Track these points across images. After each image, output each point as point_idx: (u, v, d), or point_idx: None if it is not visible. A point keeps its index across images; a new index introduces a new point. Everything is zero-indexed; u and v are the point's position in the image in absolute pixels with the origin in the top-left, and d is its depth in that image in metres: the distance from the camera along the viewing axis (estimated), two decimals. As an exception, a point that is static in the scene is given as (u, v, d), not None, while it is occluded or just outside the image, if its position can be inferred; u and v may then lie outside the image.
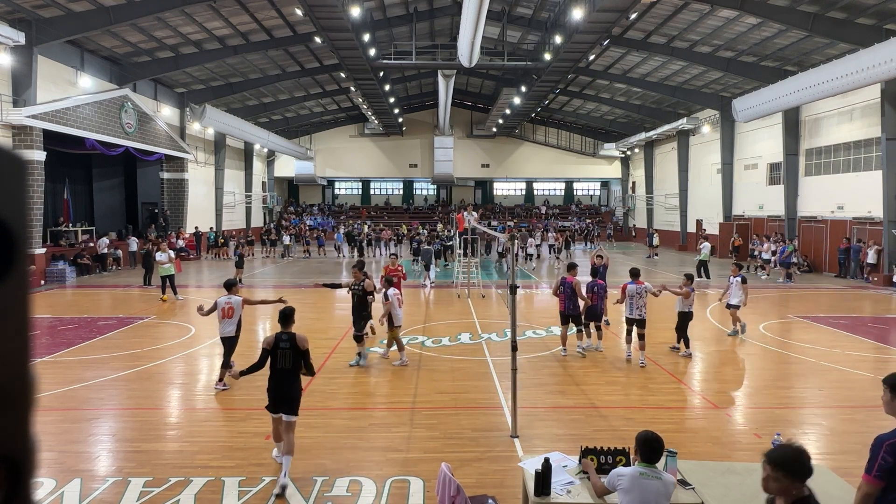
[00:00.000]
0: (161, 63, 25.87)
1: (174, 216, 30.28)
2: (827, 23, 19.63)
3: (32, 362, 0.66)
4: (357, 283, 10.23)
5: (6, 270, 0.63)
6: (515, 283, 7.36)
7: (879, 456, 3.12)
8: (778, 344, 11.87)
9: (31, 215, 0.70)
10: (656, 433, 3.96)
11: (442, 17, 29.66)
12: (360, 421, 7.57)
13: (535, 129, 48.25)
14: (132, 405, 8.22)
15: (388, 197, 53.86)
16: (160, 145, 27.28)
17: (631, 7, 19.74)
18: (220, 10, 22.15)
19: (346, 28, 22.03)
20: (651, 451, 3.88)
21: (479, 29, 20.32)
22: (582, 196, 54.67)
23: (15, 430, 0.64)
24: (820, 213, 24.84)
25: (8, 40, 17.21)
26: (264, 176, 45.89)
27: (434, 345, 11.62)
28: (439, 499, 4.48)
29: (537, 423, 7.48)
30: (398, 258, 14.45)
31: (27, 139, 19.09)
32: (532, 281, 22.09)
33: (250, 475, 5.95)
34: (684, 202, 37.04)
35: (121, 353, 10.97)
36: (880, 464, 3.10)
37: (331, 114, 44.39)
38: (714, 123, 32.38)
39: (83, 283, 20.79)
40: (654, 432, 3.97)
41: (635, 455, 3.97)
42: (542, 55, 26.81)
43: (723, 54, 25.19)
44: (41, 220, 20.91)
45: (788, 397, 8.72)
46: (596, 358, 10.72)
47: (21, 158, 0.66)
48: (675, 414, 8.00)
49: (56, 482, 5.80)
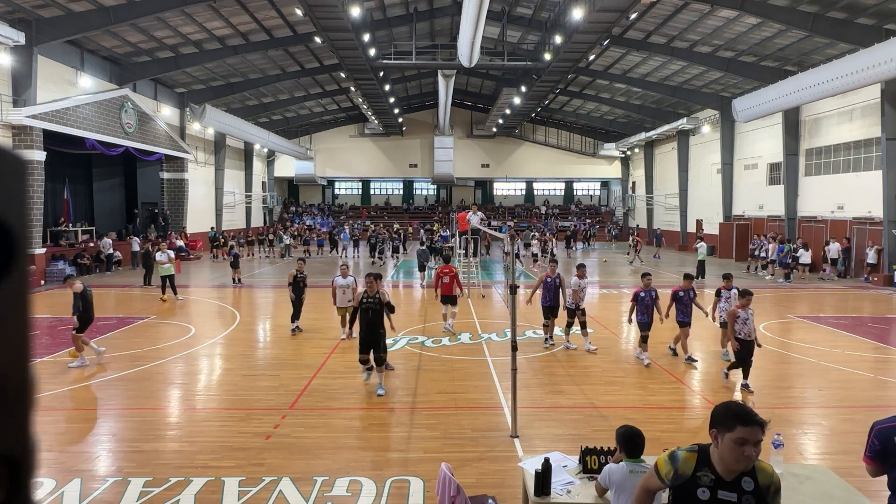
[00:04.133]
0: (161, 63, 25.86)
1: (174, 216, 30.28)
2: (827, 23, 19.63)
3: (32, 362, 0.66)
4: (370, 295, 8.50)
5: (6, 271, 0.63)
6: (516, 283, 7.36)
7: (869, 440, 3.61)
8: (778, 344, 11.86)
9: (31, 215, 0.70)
10: (634, 426, 4.04)
11: (442, 17, 29.65)
12: (360, 421, 7.57)
13: (535, 129, 48.25)
14: (132, 405, 8.22)
15: (388, 197, 53.87)
16: (160, 145, 27.28)
17: (631, 7, 19.74)
18: (220, 10, 22.15)
19: (346, 28, 22.03)
20: (632, 445, 3.95)
21: (479, 29, 20.32)
22: (582, 196, 54.67)
23: (15, 430, 0.64)
24: (820, 213, 24.84)
25: (8, 40, 17.21)
26: (264, 176, 45.90)
27: (434, 345, 11.61)
28: (439, 499, 4.48)
29: (537, 423, 7.48)
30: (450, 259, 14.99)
31: (27, 139, 19.09)
32: (532, 281, 22.09)
33: (250, 475, 5.95)
34: (684, 202, 37.05)
35: (121, 353, 10.97)
36: (870, 446, 3.59)
37: (331, 114, 44.39)
38: (714, 123, 32.38)
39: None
40: (632, 426, 4.06)
41: (620, 452, 4.00)
42: (542, 55, 26.81)
43: (723, 54, 25.19)
44: (41, 220, 20.91)
45: (788, 397, 8.71)
46: (595, 358, 10.72)
47: (21, 158, 0.66)
48: (675, 414, 8.00)
49: (56, 482, 5.80)
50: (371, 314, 8.46)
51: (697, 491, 2.60)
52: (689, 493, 2.63)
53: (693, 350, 10.82)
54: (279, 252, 31.74)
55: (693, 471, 2.63)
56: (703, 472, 2.61)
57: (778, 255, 22.40)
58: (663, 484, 2.76)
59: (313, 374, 9.58)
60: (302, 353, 10.93)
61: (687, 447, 2.76)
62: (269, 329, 13.62)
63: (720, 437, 2.54)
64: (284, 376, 9.44)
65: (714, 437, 2.58)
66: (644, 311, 10.18)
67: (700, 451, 2.68)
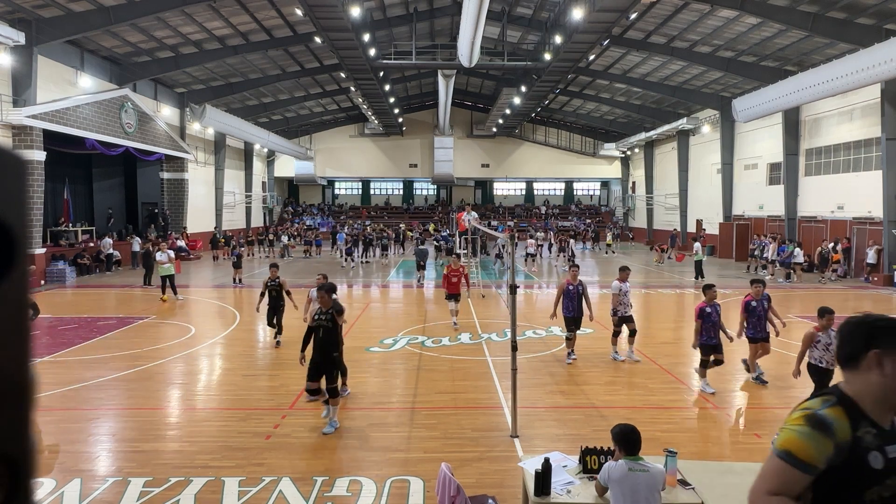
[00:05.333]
0: (161, 63, 25.86)
1: (174, 216, 30.28)
2: (827, 23, 19.63)
3: (32, 362, 0.66)
4: (324, 311, 7.26)
5: (6, 271, 0.63)
6: (515, 283, 7.37)
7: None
8: (778, 344, 11.84)
9: (31, 215, 0.70)
10: (630, 424, 4.07)
11: (442, 17, 29.65)
12: (360, 421, 7.57)
13: (535, 129, 48.25)
14: (132, 405, 8.22)
15: (388, 197, 53.87)
16: (160, 145, 27.28)
17: (631, 7, 19.74)
18: (220, 10, 22.15)
19: (346, 28, 22.03)
20: (629, 442, 3.96)
21: (479, 29, 20.32)
22: (582, 196, 54.68)
23: (15, 430, 0.64)
24: (820, 213, 24.84)
25: (8, 40, 17.21)
26: (264, 176, 45.90)
27: (434, 345, 11.61)
28: (439, 499, 4.48)
29: (537, 423, 7.48)
30: (459, 258, 14.72)
31: (27, 139, 19.09)
32: (532, 281, 22.10)
33: (250, 475, 5.95)
34: (684, 202, 37.05)
35: (121, 353, 10.97)
36: None
37: (331, 114, 44.39)
38: (714, 123, 32.38)
39: (83, 283, 20.79)
40: (626, 423, 4.09)
41: (619, 452, 4.01)
42: (542, 55, 26.81)
43: (723, 54, 25.19)
44: (41, 220, 20.91)
45: (788, 397, 8.71)
46: (595, 358, 10.71)
47: (21, 158, 0.66)
48: (675, 414, 8.00)
49: (56, 482, 5.80)
50: (323, 333, 7.17)
51: (868, 458, 1.69)
52: (856, 466, 1.69)
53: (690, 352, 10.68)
54: (279, 252, 31.75)
55: (851, 431, 1.71)
56: (863, 429, 1.71)
57: (779, 255, 22.40)
58: (812, 473, 1.71)
59: (313, 374, 9.57)
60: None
61: (819, 400, 1.79)
62: (269, 329, 13.60)
63: (887, 358, 1.69)
64: (284, 376, 9.44)
65: (874, 361, 1.71)
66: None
67: (841, 400, 1.75)
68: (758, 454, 6.50)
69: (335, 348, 7.21)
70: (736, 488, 4.38)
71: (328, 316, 7.18)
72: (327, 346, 7.17)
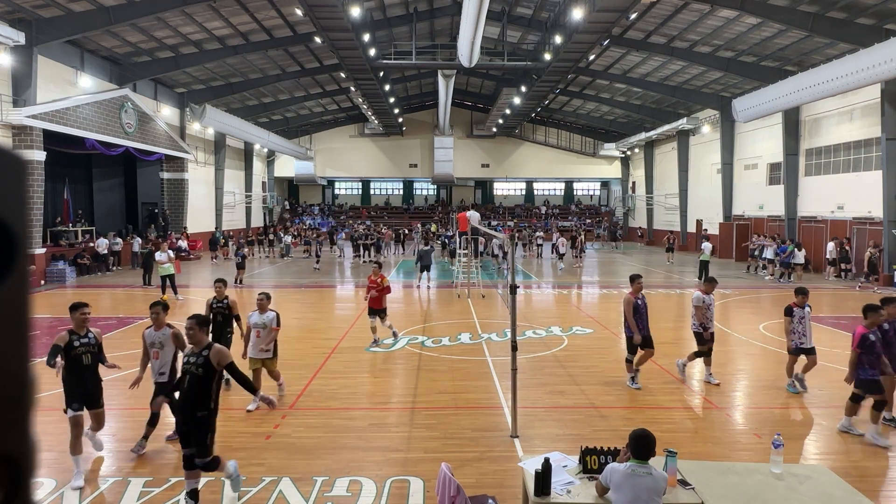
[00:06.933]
0: (161, 63, 25.87)
1: (174, 216, 30.29)
2: (827, 23, 19.63)
3: (32, 362, 0.66)
4: (198, 351, 5.41)
5: (6, 270, 0.63)
6: (515, 283, 7.36)
7: None
8: (778, 344, 11.85)
9: (31, 215, 0.70)
10: (649, 431, 4.07)
11: (442, 17, 29.66)
12: (360, 421, 7.57)
13: (535, 129, 48.25)
14: (132, 405, 8.21)
15: (389, 197, 53.88)
16: (160, 145, 27.28)
17: (631, 7, 19.74)
18: (220, 10, 22.16)
19: (346, 28, 22.03)
20: (643, 447, 3.96)
21: (479, 29, 20.32)
22: (582, 196, 54.68)
23: (15, 430, 0.64)
24: (820, 213, 24.84)
25: (8, 40, 17.21)
26: (264, 176, 45.90)
27: (434, 345, 11.61)
28: (439, 499, 4.48)
29: (537, 423, 7.48)
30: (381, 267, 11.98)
31: (27, 139, 19.09)
32: (532, 281, 22.10)
33: (250, 475, 5.95)
34: (684, 202, 37.06)
35: (121, 353, 10.96)
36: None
37: (331, 114, 44.39)
38: (714, 123, 32.39)
39: (83, 283, 20.79)
40: (647, 430, 4.09)
41: (628, 454, 4.01)
42: (542, 55, 26.82)
43: (723, 54, 25.19)
44: (41, 220, 20.91)
45: (788, 397, 8.71)
46: (595, 358, 10.71)
47: (21, 158, 0.66)
48: (675, 414, 8.00)
49: (56, 482, 5.80)
50: (189, 383, 5.21)
51: None
52: None
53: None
54: (279, 252, 31.76)
55: None
56: None
57: (780, 255, 22.40)
58: None
59: (313, 375, 9.58)
60: (302, 354, 10.92)
61: None
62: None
63: None
64: (284, 376, 9.42)
65: None
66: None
67: None
68: (758, 454, 6.50)
69: (202, 405, 5.12)
70: (736, 488, 4.38)
71: (201, 359, 5.23)
72: (191, 401, 5.14)
